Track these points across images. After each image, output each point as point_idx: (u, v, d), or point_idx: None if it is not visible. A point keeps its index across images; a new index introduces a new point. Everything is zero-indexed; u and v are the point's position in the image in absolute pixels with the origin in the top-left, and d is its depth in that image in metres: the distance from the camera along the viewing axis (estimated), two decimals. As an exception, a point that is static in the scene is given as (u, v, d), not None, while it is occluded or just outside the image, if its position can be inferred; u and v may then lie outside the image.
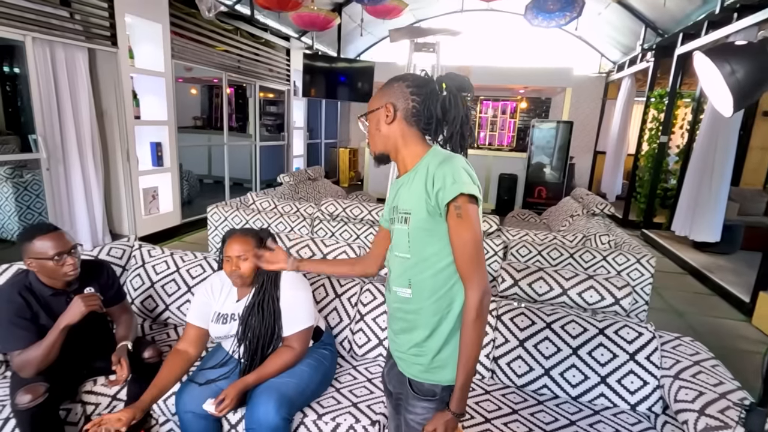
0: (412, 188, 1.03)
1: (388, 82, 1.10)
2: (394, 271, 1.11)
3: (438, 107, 1.04)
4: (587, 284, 1.78)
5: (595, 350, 1.64)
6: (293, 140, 7.18)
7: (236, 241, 1.52)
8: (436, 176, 0.97)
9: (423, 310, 1.04)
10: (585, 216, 3.77)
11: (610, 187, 7.44)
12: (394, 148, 1.09)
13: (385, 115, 1.06)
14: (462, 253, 0.97)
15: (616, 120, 7.32)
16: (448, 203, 0.95)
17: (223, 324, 1.58)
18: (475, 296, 0.96)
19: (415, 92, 1.05)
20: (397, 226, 1.07)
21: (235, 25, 5.32)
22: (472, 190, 0.95)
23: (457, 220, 0.96)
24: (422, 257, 1.03)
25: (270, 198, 3.47)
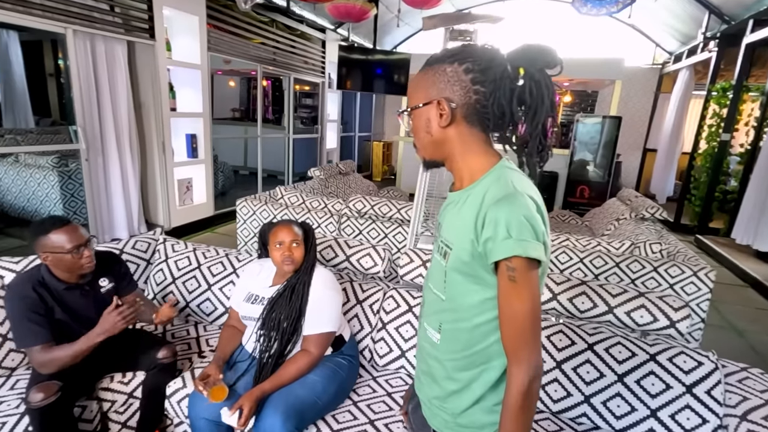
0: (461, 215, 0.80)
1: (436, 62, 0.79)
2: (427, 305, 0.93)
3: (514, 101, 0.76)
4: (638, 302, 1.58)
5: (644, 378, 1.45)
6: (327, 133, 7.14)
7: (287, 228, 1.54)
8: (488, 218, 0.73)
9: (451, 363, 0.86)
10: (633, 220, 3.48)
11: (661, 187, 6.94)
12: (449, 155, 0.84)
13: (438, 114, 0.79)
14: (511, 325, 0.75)
15: (670, 115, 6.78)
16: (497, 261, 0.73)
17: (252, 304, 1.57)
18: (522, 378, 0.74)
19: (479, 79, 0.76)
20: (436, 254, 0.88)
21: (271, 17, 5.29)
22: (532, 251, 0.71)
23: (509, 284, 0.73)
24: (459, 304, 0.82)
25: (299, 192, 3.42)
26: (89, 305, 1.54)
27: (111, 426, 1.60)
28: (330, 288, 1.55)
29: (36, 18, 2.87)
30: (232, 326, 1.65)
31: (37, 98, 6.72)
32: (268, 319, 1.50)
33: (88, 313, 1.52)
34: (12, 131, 6.13)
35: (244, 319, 1.60)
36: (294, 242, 1.51)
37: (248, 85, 10.25)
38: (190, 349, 1.83)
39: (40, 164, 4.31)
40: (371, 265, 1.93)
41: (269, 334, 1.49)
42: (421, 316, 0.96)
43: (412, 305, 1.77)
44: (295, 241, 1.52)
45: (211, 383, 1.37)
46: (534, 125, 0.77)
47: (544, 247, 0.73)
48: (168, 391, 1.58)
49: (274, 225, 1.58)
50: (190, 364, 1.73)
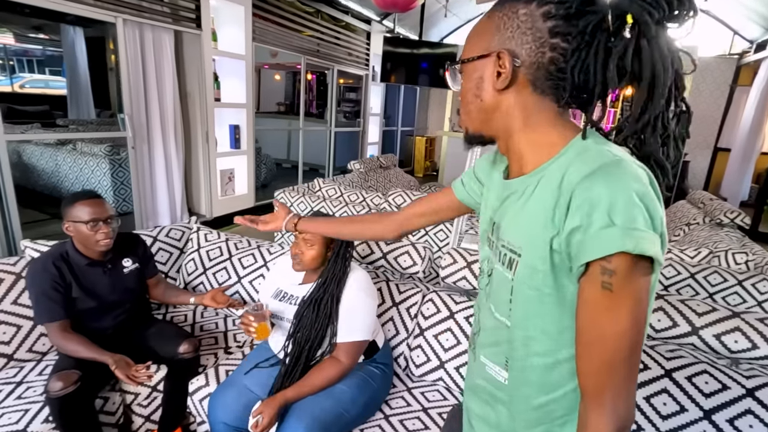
0: (530, 207, 0.58)
1: (505, 1, 0.59)
2: (486, 334, 0.70)
3: (611, 65, 0.53)
4: (731, 324, 1.31)
5: (739, 419, 1.19)
6: (369, 127, 7.03)
7: None
8: (575, 200, 0.51)
9: (522, 410, 0.65)
10: (708, 225, 3.08)
11: (734, 190, 6.25)
12: (503, 129, 0.63)
13: (494, 72, 0.59)
14: (594, 354, 0.53)
15: (748, 111, 6.08)
16: (590, 262, 0.51)
17: (280, 301, 1.46)
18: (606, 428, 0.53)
19: (562, 29, 0.55)
20: (497, 265, 0.65)
21: (316, 8, 5.22)
22: (645, 245, 0.48)
23: (601, 293, 0.51)
24: (531, 334, 0.61)
25: (337, 185, 3.31)
26: (109, 284, 1.54)
27: (134, 419, 1.55)
28: (365, 292, 1.40)
29: (87, 6, 2.93)
30: None
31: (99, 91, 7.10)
32: (294, 333, 1.37)
33: (106, 291, 1.52)
34: (75, 122, 6.50)
35: (271, 317, 1.49)
36: (308, 242, 1.37)
37: (293, 79, 10.35)
38: (217, 343, 1.75)
39: (95, 152, 4.49)
40: (410, 265, 1.76)
41: (296, 345, 1.36)
42: (475, 342, 0.75)
43: (454, 311, 1.59)
44: (309, 242, 1.36)
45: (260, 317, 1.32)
46: (645, 110, 0.54)
47: (661, 242, 0.50)
48: (190, 388, 1.50)
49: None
50: (215, 360, 1.64)
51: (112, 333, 1.55)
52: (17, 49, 9.41)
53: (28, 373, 1.51)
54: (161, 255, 1.98)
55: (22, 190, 4.73)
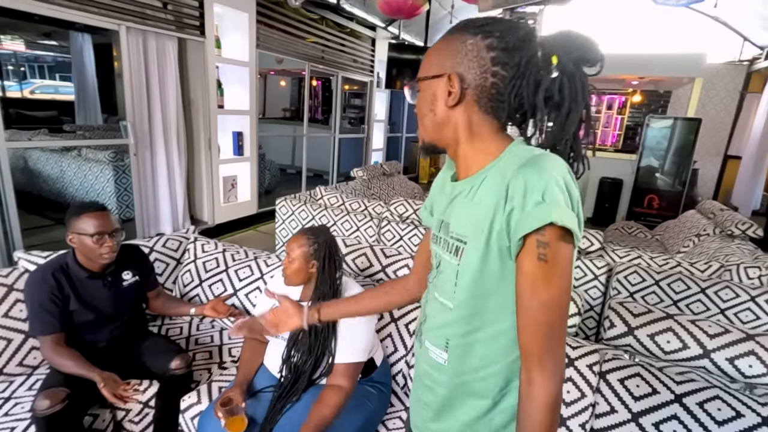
0: (475, 202, 0.68)
1: (457, 29, 0.69)
2: (430, 319, 0.79)
3: (539, 94, 0.65)
4: (746, 347, 1.25)
5: (754, 449, 1.12)
6: (373, 133, 7.00)
7: (292, 239, 1.37)
8: (512, 186, 0.61)
9: (462, 389, 0.73)
10: (718, 237, 3.00)
11: (745, 199, 6.13)
12: (452, 140, 0.72)
13: (446, 91, 0.68)
14: (534, 319, 0.62)
15: (760, 118, 5.97)
16: (526, 235, 0.60)
17: None
18: (549, 388, 0.61)
19: (501, 60, 0.65)
20: (445, 255, 0.73)
21: (321, 14, 5.22)
22: (567, 219, 0.59)
23: (537, 264, 0.60)
24: (473, 311, 0.70)
25: (339, 193, 3.27)
26: (108, 297, 1.51)
27: (125, 436, 1.51)
28: None
29: (91, 15, 2.93)
30: (254, 339, 1.51)
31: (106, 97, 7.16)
32: (291, 349, 1.33)
33: (105, 304, 1.50)
34: (81, 127, 6.55)
35: (266, 334, 1.45)
36: (289, 257, 1.33)
37: (299, 85, 10.40)
38: (211, 358, 1.70)
39: (99, 158, 4.50)
40: (409, 278, 1.71)
41: (292, 362, 1.32)
42: (420, 334, 0.82)
43: (454, 328, 1.53)
44: (290, 256, 1.33)
45: (231, 411, 1.22)
46: (563, 129, 0.66)
47: (578, 221, 0.61)
48: (182, 405, 1.46)
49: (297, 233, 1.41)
50: (208, 376, 1.60)
51: (106, 346, 1.53)
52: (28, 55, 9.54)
53: (17, 388, 1.48)
54: (158, 266, 1.95)
55: (27, 195, 4.78)
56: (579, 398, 1.28)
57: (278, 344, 1.39)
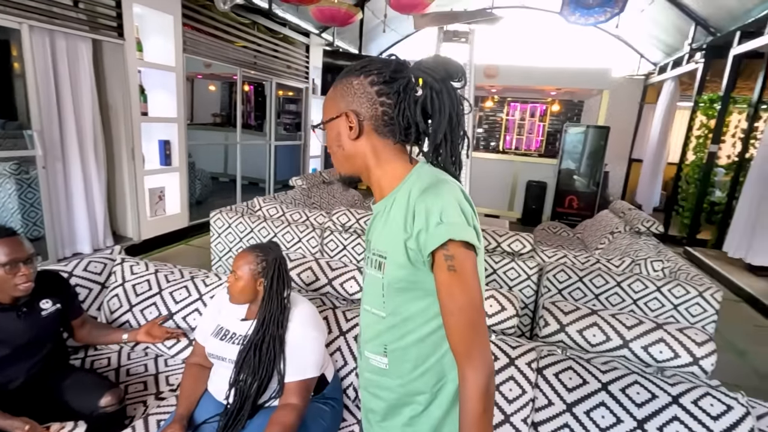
0: (389, 221, 0.78)
1: (344, 75, 0.81)
2: (366, 331, 0.87)
3: (417, 111, 0.76)
4: (656, 335, 1.41)
5: (667, 426, 1.27)
6: (310, 140, 6.92)
7: (239, 256, 1.32)
8: (417, 210, 0.72)
9: (405, 388, 0.81)
10: (628, 234, 3.36)
11: (647, 198, 6.91)
12: (364, 168, 0.82)
13: (347, 127, 0.79)
14: (457, 321, 0.71)
15: (655, 126, 6.79)
16: (433, 251, 0.71)
17: (221, 340, 1.34)
18: (480, 379, 0.70)
19: (384, 91, 0.77)
20: (370, 270, 0.83)
21: (252, 19, 5.08)
22: (466, 234, 0.70)
23: (449, 274, 0.70)
24: (402, 317, 0.79)
25: (278, 204, 3.19)
26: (25, 329, 1.35)
27: (46, 487, 1.35)
28: (312, 326, 1.33)
29: (-15, 11, 2.60)
30: (196, 364, 1.43)
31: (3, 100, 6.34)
32: (239, 370, 1.27)
33: (21, 338, 1.34)
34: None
35: (210, 357, 1.37)
36: (235, 274, 1.30)
37: (230, 90, 9.98)
38: (146, 389, 1.58)
39: (-2, 171, 3.97)
40: (356, 290, 1.72)
41: (240, 386, 1.27)
42: (360, 345, 0.90)
43: (403, 337, 1.57)
44: (237, 273, 1.29)
45: None
46: (434, 135, 0.77)
47: (476, 234, 0.72)
48: (114, 445, 1.34)
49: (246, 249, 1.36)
50: (144, 410, 1.49)
51: (21, 386, 1.36)
52: None
53: None
54: (79, 291, 1.77)
55: None
56: (520, 395, 1.37)
57: (225, 367, 1.33)
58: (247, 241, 3.02)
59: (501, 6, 6.70)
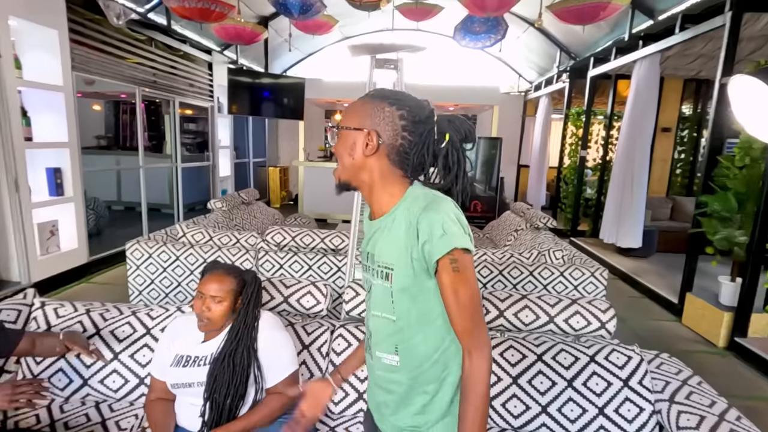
0: (393, 236, 0.87)
1: (378, 97, 0.89)
2: (377, 333, 0.96)
3: (432, 157, 0.87)
4: (573, 309, 1.72)
5: (589, 380, 1.57)
6: (219, 160, 6.63)
7: (215, 279, 1.31)
8: (420, 226, 0.82)
9: (416, 380, 0.91)
10: (530, 230, 3.87)
11: (536, 198, 7.90)
12: (367, 183, 0.90)
13: (364, 143, 0.87)
14: (463, 312, 0.83)
15: (536, 136, 7.82)
16: (439, 258, 0.81)
17: (184, 367, 1.31)
18: (485, 362, 0.83)
19: (409, 128, 0.86)
20: (377, 281, 0.92)
21: (149, 36, 4.77)
22: (465, 242, 0.81)
23: (455, 275, 0.81)
24: (411, 319, 0.89)
25: (203, 229, 3.06)
26: None
27: None
28: (278, 328, 1.41)
29: None
30: (159, 399, 1.37)
31: None
32: (212, 385, 1.27)
33: None
34: None
35: (175, 388, 1.33)
36: (215, 298, 1.29)
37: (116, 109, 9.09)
38: (94, 440, 1.45)
39: None
40: (313, 304, 1.79)
41: (214, 399, 1.26)
42: (369, 345, 0.99)
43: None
44: (217, 297, 1.29)
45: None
46: (455, 181, 0.88)
47: (471, 240, 0.84)
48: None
49: (212, 269, 1.36)
50: (99, 460, 1.37)
51: None
52: None
53: None
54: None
55: None
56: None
57: (193, 394, 1.30)
58: (172, 270, 2.85)
59: (400, 28, 7.20)
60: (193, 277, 2.85)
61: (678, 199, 5.97)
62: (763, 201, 2.79)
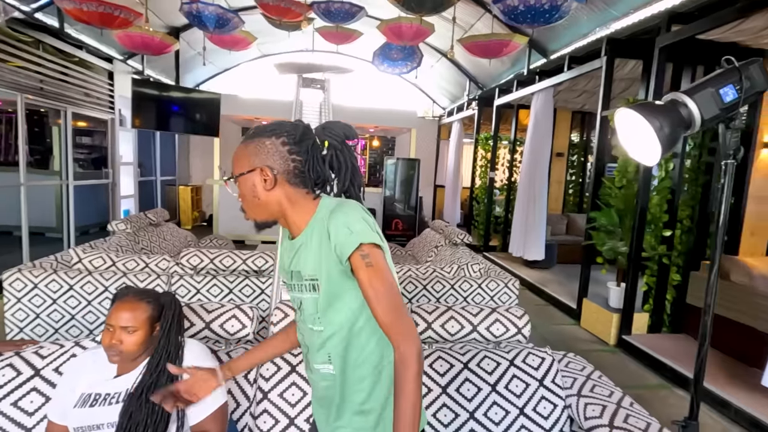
0: (312, 249, 0.91)
1: (255, 136, 0.93)
2: (312, 346, 0.98)
3: (325, 166, 0.94)
4: (493, 317, 1.85)
5: (510, 383, 1.69)
6: (120, 178, 6.01)
7: (125, 307, 1.18)
8: (330, 230, 0.87)
9: (354, 379, 0.95)
10: (449, 246, 4.08)
11: (451, 216, 8.36)
12: (280, 213, 0.95)
13: (262, 180, 0.90)
14: (383, 305, 0.85)
15: (450, 158, 8.34)
16: (350, 256, 0.85)
17: (91, 407, 1.15)
18: (413, 347, 0.84)
19: (295, 150, 0.91)
20: (306, 295, 0.95)
21: (37, 38, 4.25)
22: (372, 237, 0.86)
23: (368, 270, 0.85)
24: (337, 325, 0.93)
25: (104, 253, 2.74)
26: None
27: None
28: (205, 356, 1.29)
29: None
30: None
31: None
32: (127, 424, 1.13)
33: None
34: None
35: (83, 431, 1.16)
36: (128, 329, 1.16)
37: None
38: None
39: None
40: (238, 329, 1.69)
41: None
42: (307, 366, 1.02)
43: (295, 364, 1.62)
44: (129, 327, 1.16)
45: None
46: (344, 181, 0.96)
47: (380, 237, 0.88)
48: None
49: (122, 296, 1.22)
50: None
51: None
52: None
53: None
54: None
55: None
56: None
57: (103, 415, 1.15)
58: (64, 302, 2.50)
59: (320, 50, 7.30)
60: (91, 308, 2.52)
61: (572, 216, 6.75)
62: (637, 217, 3.28)
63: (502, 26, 4.75)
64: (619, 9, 3.56)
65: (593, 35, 4.00)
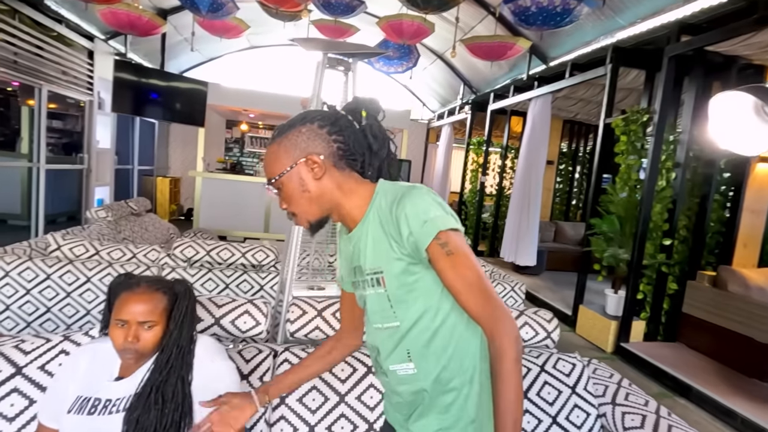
0: (373, 241, 0.84)
1: (286, 129, 0.86)
2: (384, 347, 0.89)
3: (369, 137, 0.87)
4: (522, 320, 1.75)
5: (542, 390, 1.59)
6: (96, 164, 5.65)
7: (140, 299, 1.01)
8: (399, 219, 0.79)
9: (438, 381, 0.85)
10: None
11: (438, 220, 8.32)
12: (334, 205, 0.87)
13: (309, 170, 0.84)
14: (474, 292, 0.77)
15: (439, 161, 8.31)
16: (428, 247, 0.77)
17: (90, 415, 0.97)
18: (511, 338, 0.74)
19: (333, 130, 0.86)
20: (370, 291, 0.87)
21: (13, 7, 3.92)
22: (449, 222, 0.78)
23: (449, 259, 0.77)
24: (415, 318, 0.84)
25: (87, 241, 2.50)
26: None
27: None
28: (219, 357, 1.13)
29: None
30: None
31: None
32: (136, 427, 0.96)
33: None
34: None
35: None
36: (147, 324, 1.00)
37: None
38: None
39: None
40: (252, 326, 1.53)
41: None
42: (380, 366, 0.92)
43: (315, 366, 1.47)
44: (148, 322, 1.01)
45: None
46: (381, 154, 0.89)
47: (456, 220, 0.80)
48: None
49: (129, 286, 1.05)
50: None
51: None
52: None
53: None
54: None
55: None
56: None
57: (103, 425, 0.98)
58: (39, 293, 2.26)
59: (313, 45, 7.12)
60: (70, 300, 2.28)
61: (559, 224, 6.80)
62: (640, 224, 3.29)
63: (504, 30, 4.73)
64: (626, 18, 3.58)
65: (596, 43, 4.02)
